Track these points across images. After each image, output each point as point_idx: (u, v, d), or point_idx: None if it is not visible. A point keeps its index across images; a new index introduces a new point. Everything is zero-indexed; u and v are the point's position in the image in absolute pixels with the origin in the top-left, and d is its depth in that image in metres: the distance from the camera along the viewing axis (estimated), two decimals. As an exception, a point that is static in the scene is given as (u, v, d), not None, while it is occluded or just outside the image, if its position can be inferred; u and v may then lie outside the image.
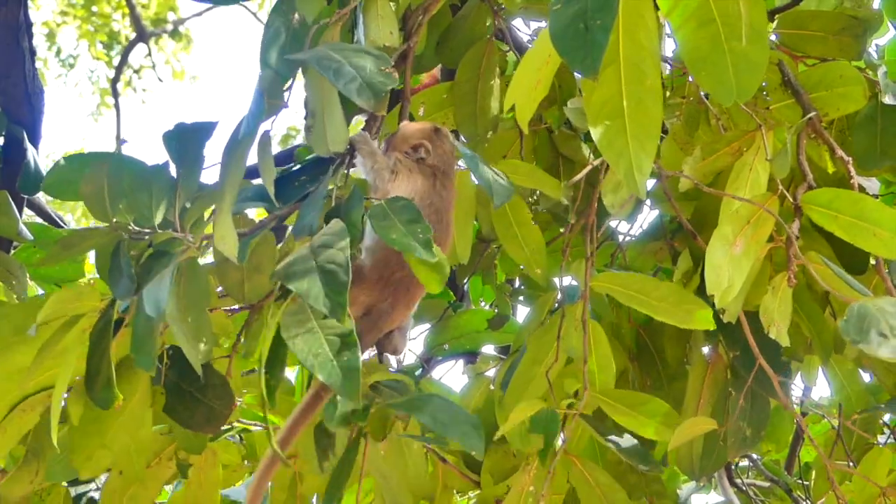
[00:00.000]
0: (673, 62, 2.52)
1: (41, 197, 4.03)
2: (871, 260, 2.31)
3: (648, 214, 2.81)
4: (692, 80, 2.42)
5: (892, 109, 2.48)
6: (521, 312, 3.21)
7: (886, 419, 2.87)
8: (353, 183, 2.22)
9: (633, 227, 2.85)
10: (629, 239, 2.85)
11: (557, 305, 2.52)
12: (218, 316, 2.18)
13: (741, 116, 2.42)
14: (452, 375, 10.16)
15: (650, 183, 2.55)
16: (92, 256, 2.16)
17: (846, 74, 2.40)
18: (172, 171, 2.10)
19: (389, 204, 1.96)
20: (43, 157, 3.41)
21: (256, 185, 2.15)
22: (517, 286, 3.20)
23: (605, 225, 2.66)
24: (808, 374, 2.59)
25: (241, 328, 2.23)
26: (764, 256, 2.16)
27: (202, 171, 2.10)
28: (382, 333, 2.18)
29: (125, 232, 2.09)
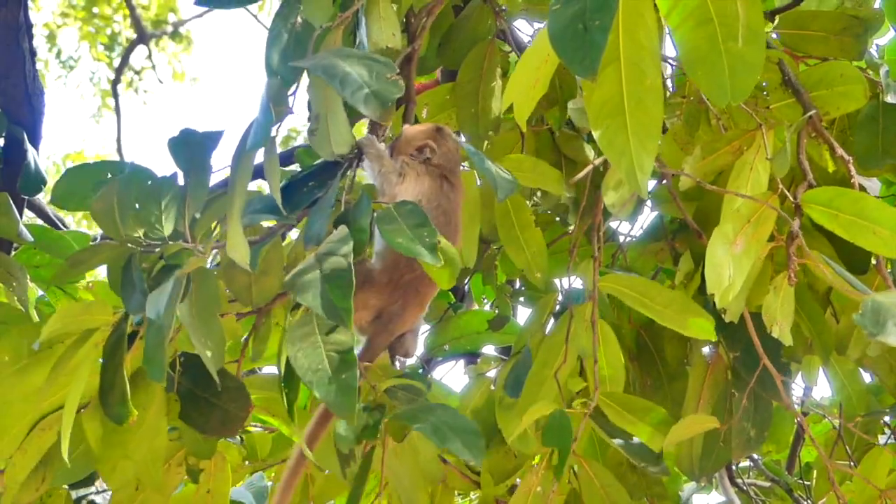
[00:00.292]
0: (675, 62, 2.52)
1: (41, 198, 4.03)
2: (872, 259, 2.31)
3: (649, 215, 2.81)
4: (692, 79, 2.42)
5: (893, 109, 2.47)
6: (521, 313, 3.21)
7: (887, 419, 2.87)
8: (360, 188, 2.22)
9: (633, 227, 2.86)
10: (629, 240, 2.85)
11: (559, 307, 2.52)
12: (227, 320, 2.18)
13: (741, 116, 2.42)
14: (453, 376, 10.16)
15: (651, 183, 2.55)
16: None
17: (847, 73, 2.39)
18: (180, 178, 2.09)
19: (396, 208, 1.96)
20: (43, 158, 3.40)
21: (267, 195, 2.14)
22: (518, 287, 3.19)
23: (605, 226, 2.66)
24: (808, 374, 2.59)
25: (249, 331, 2.23)
26: (765, 256, 2.16)
27: (210, 180, 2.10)
28: (394, 336, 2.17)
29: (136, 245, 2.08)
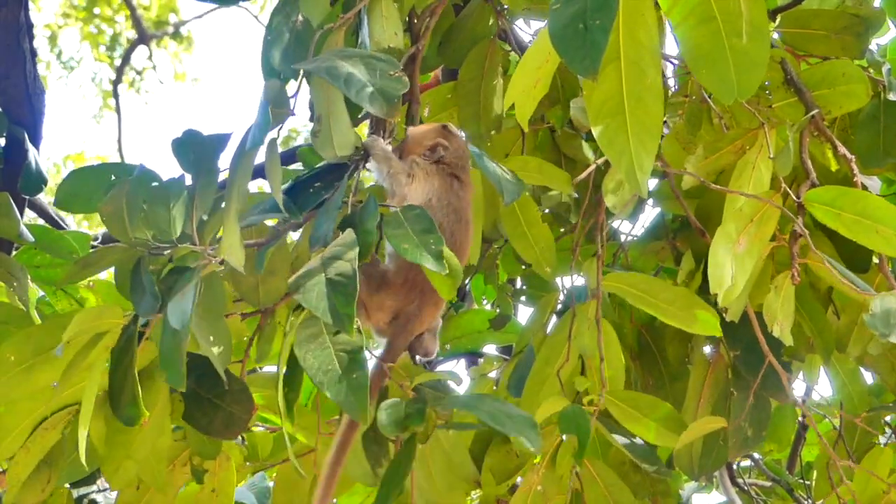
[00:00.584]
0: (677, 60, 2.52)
1: (42, 198, 4.02)
2: (873, 258, 2.31)
3: (650, 214, 2.80)
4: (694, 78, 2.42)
5: (894, 107, 2.47)
6: (522, 312, 3.21)
7: (888, 419, 2.87)
8: (368, 190, 2.21)
9: (634, 226, 2.86)
10: (630, 239, 2.84)
11: (561, 305, 2.52)
12: (232, 320, 2.17)
13: (744, 115, 2.42)
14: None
15: (652, 182, 2.55)
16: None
17: (849, 72, 2.39)
18: (187, 180, 2.08)
19: (404, 212, 1.94)
20: (44, 158, 3.39)
21: (272, 196, 2.14)
22: (519, 286, 3.19)
23: (606, 225, 2.65)
24: (809, 373, 2.59)
25: (253, 332, 2.23)
26: (766, 255, 2.16)
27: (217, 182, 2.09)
28: (413, 336, 2.14)
29: (144, 248, 2.07)
